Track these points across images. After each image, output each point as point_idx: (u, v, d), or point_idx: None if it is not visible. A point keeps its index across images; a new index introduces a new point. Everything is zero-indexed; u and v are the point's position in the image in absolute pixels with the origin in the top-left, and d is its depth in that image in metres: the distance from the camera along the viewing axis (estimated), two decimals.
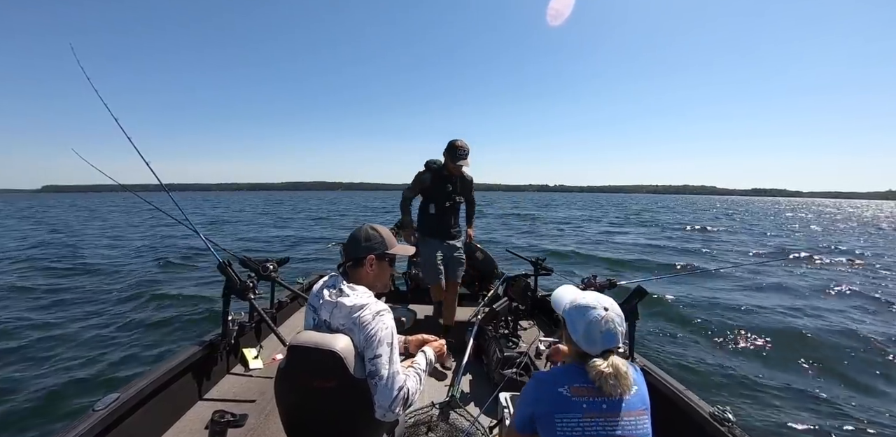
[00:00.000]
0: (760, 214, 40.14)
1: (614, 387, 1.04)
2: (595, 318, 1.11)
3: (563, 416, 1.06)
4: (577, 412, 1.05)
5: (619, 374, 1.05)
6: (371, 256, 1.36)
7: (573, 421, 1.05)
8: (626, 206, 55.82)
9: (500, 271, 3.85)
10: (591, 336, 1.10)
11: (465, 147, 2.87)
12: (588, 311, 1.13)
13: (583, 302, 1.16)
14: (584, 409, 1.05)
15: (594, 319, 1.11)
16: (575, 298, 1.19)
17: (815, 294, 7.97)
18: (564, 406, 1.06)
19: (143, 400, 1.75)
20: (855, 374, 4.48)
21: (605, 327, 1.10)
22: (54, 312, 5.87)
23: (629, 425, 1.05)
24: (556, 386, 1.09)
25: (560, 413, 1.06)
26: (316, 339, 1.21)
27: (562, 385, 1.09)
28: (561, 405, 1.07)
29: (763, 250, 14.13)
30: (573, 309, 1.17)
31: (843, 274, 10.20)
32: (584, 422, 1.04)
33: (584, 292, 1.24)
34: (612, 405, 1.06)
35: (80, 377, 3.85)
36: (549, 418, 1.07)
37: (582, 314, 1.13)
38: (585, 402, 1.06)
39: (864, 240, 18.93)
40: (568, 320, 1.18)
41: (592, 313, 1.12)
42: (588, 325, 1.11)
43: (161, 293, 6.85)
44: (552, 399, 1.08)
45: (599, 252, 12.77)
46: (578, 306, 1.16)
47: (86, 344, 4.63)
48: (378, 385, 1.20)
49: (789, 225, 26.81)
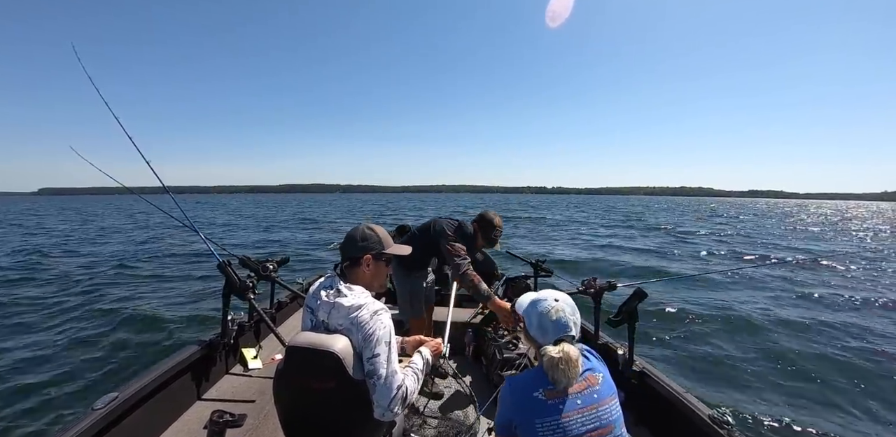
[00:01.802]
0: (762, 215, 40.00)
1: (564, 373, 1.07)
2: (545, 308, 1.18)
3: (542, 421, 1.06)
4: (555, 415, 1.06)
5: (569, 360, 1.08)
6: (368, 255, 1.36)
7: (553, 424, 1.05)
8: (617, 208, 55.65)
9: (500, 273, 3.85)
10: (544, 326, 1.16)
11: (502, 227, 2.61)
12: (539, 303, 1.20)
13: (535, 297, 1.24)
14: (562, 410, 1.06)
15: (544, 309, 1.17)
16: (531, 297, 1.26)
17: (817, 293, 7.96)
18: (542, 411, 1.07)
19: (142, 399, 1.75)
20: (855, 373, 4.48)
21: (556, 316, 1.16)
22: (50, 311, 5.87)
23: (605, 413, 1.08)
24: (531, 390, 1.09)
25: (539, 418, 1.07)
26: (314, 340, 1.21)
27: (536, 389, 1.09)
28: (538, 411, 1.07)
29: (760, 253, 14.11)
30: (528, 306, 1.24)
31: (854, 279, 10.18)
32: (563, 422, 1.05)
33: (541, 291, 1.29)
34: (586, 399, 1.08)
35: (78, 375, 3.85)
36: (529, 424, 1.08)
37: (534, 307, 1.21)
38: (561, 403, 1.06)
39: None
40: (525, 317, 1.24)
41: (543, 304, 1.19)
42: (540, 316, 1.18)
43: (161, 294, 6.85)
44: (529, 405, 1.09)
45: (577, 254, 12.77)
46: (532, 302, 1.23)
47: (83, 344, 4.62)
48: (377, 385, 1.20)
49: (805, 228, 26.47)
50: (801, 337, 5.52)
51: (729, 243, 16.94)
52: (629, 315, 2.01)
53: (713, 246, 15.44)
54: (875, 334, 5.69)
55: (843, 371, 4.57)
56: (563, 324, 1.15)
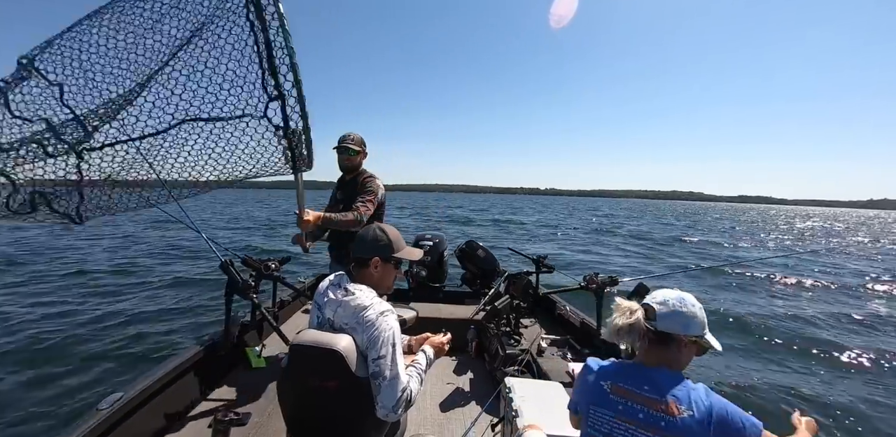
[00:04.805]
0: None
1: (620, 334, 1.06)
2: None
3: (597, 409, 1.05)
4: (610, 410, 1.02)
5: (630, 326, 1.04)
6: (376, 258, 1.35)
7: (605, 417, 1.02)
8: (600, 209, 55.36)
9: (502, 269, 3.85)
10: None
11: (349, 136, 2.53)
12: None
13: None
14: (619, 410, 1.00)
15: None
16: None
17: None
18: (600, 400, 1.05)
19: (146, 399, 1.76)
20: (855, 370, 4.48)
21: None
22: (54, 309, 5.89)
23: None
24: (600, 379, 1.07)
25: (595, 406, 1.05)
26: (318, 338, 1.21)
27: (605, 380, 1.06)
28: (597, 398, 1.05)
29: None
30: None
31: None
32: (614, 423, 1.00)
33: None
34: (650, 419, 0.96)
35: (81, 377, 3.87)
36: (585, 407, 1.08)
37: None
38: (622, 403, 1.01)
39: None
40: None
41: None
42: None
43: (161, 294, 6.87)
44: (592, 390, 1.07)
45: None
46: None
47: (84, 345, 4.64)
48: (381, 386, 1.20)
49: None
50: (808, 330, 5.52)
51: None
52: None
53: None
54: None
55: (843, 371, 4.56)
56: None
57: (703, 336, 1.05)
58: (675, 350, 1.04)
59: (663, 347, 1.04)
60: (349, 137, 2.51)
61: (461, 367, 2.72)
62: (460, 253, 3.83)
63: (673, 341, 1.04)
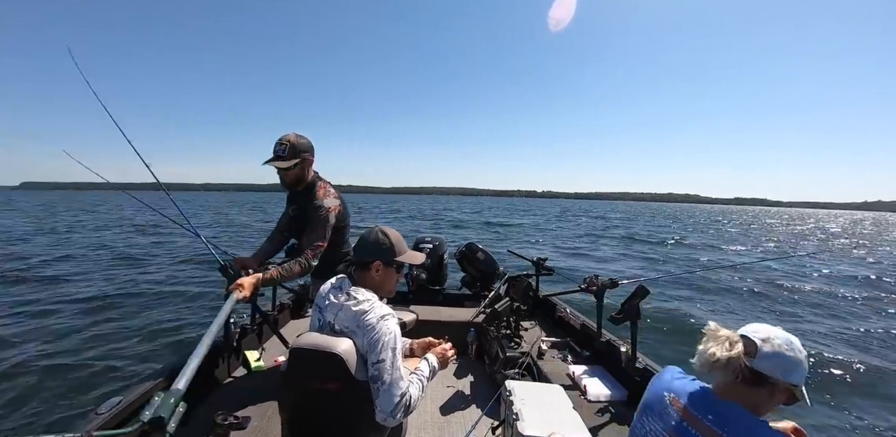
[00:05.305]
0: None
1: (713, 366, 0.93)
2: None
3: (651, 416, 1.02)
4: (662, 422, 0.99)
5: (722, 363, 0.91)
6: (378, 261, 1.35)
7: (656, 426, 0.99)
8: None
9: (502, 271, 3.85)
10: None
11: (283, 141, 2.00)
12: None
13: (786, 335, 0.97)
14: (672, 425, 0.96)
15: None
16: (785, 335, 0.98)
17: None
18: (658, 408, 1.02)
19: (145, 403, 1.75)
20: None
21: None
22: (45, 317, 5.87)
23: None
24: (664, 390, 1.03)
25: (650, 412, 1.03)
26: (318, 341, 1.21)
27: (670, 392, 1.02)
28: (656, 406, 1.03)
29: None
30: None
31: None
32: (660, 433, 0.98)
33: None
34: None
35: (80, 381, 3.85)
36: (643, 409, 1.07)
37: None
38: (675, 419, 0.96)
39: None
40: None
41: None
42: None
43: (162, 296, 6.86)
44: (655, 397, 1.05)
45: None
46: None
47: (83, 348, 4.63)
48: (380, 390, 1.20)
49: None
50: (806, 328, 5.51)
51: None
52: (633, 312, 2.01)
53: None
54: None
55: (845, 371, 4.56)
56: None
57: (799, 385, 0.93)
58: (766, 394, 0.93)
59: (754, 388, 0.93)
60: (280, 144, 1.97)
61: (461, 370, 2.71)
62: (460, 255, 3.83)
63: (767, 385, 0.92)
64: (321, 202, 1.99)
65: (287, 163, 1.98)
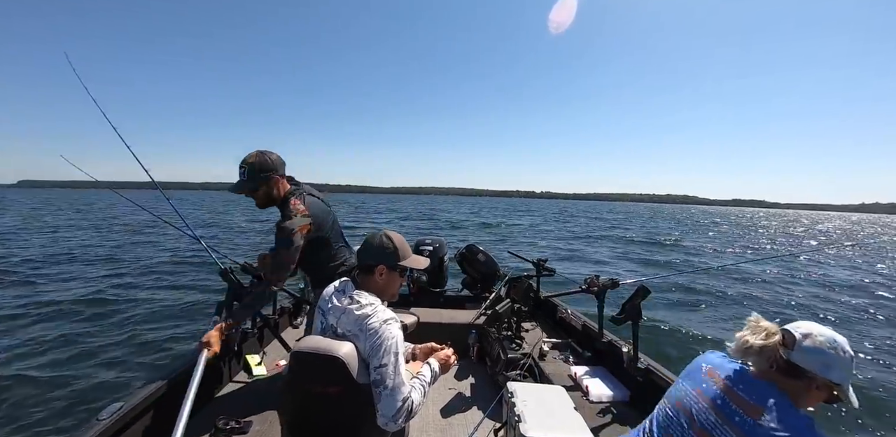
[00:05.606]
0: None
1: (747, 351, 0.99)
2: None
3: (686, 380, 1.09)
4: (693, 383, 1.05)
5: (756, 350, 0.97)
6: (381, 265, 1.35)
7: (685, 385, 1.07)
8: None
9: (503, 273, 3.85)
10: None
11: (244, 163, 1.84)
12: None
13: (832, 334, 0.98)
14: (703, 388, 1.02)
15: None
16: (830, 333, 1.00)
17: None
18: (694, 375, 1.08)
19: (146, 408, 1.75)
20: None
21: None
22: (54, 322, 5.85)
23: (721, 432, 0.92)
24: (703, 362, 1.11)
25: (686, 377, 1.10)
26: (319, 345, 1.21)
27: (708, 364, 1.08)
28: (693, 373, 1.10)
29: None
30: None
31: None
32: (690, 394, 1.03)
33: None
34: (727, 409, 0.94)
35: (80, 386, 3.83)
36: (680, 377, 1.13)
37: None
38: (707, 383, 1.03)
39: None
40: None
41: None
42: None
43: (161, 302, 6.83)
44: (693, 366, 1.12)
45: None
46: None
47: (83, 355, 4.60)
48: (382, 394, 1.19)
49: None
50: None
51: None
52: (634, 312, 2.01)
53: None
54: None
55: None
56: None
57: (841, 385, 0.94)
58: (803, 387, 0.95)
59: (790, 379, 0.95)
60: (241, 167, 1.82)
61: (463, 372, 2.70)
62: (460, 257, 3.83)
63: (805, 378, 0.94)
64: (286, 224, 1.80)
65: (249, 190, 1.85)
